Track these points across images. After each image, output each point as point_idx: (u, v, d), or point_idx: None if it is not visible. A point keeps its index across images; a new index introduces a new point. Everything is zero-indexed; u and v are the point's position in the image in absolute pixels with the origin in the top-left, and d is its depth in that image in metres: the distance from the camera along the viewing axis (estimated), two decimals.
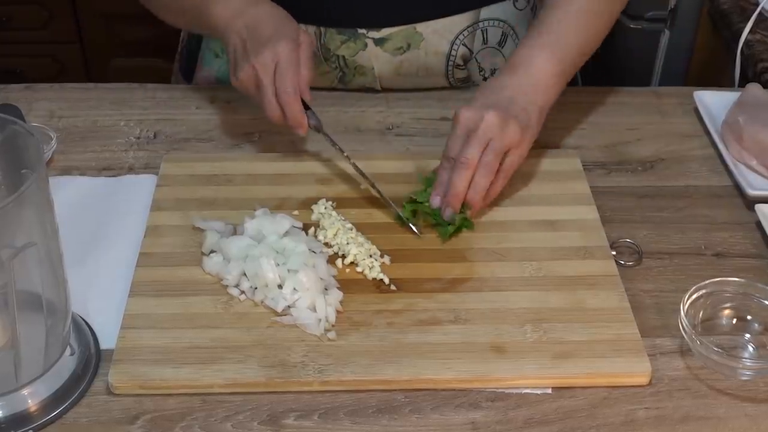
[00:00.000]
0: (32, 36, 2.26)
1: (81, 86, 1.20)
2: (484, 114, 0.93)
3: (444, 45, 1.16)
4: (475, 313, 0.87)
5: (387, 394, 0.81)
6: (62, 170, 1.05)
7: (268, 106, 0.98)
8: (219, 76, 1.22)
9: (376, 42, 1.14)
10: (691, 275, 0.92)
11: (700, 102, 1.15)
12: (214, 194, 1.00)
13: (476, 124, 0.93)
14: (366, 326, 0.85)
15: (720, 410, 0.80)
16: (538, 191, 1.01)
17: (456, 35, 1.16)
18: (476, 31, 1.17)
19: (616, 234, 0.97)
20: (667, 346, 0.86)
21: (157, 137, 1.11)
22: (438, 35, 1.15)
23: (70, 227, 0.85)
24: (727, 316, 0.88)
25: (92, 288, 0.90)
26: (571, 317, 0.86)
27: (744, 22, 1.39)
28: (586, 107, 1.17)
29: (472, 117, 0.94)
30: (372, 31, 1.13)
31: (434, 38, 1.15)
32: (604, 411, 0.80)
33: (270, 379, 0.80)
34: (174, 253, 0.92)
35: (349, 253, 0.92)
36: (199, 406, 0.79)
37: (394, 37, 1.14)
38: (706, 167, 1.08)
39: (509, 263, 0.92)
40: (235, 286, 0.89)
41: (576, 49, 1.02)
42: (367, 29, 1.13)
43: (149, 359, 0.81)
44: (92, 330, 0.86)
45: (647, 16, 1.67)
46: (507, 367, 0.82)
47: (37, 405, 0.78)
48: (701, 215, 1.01)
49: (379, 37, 1.14)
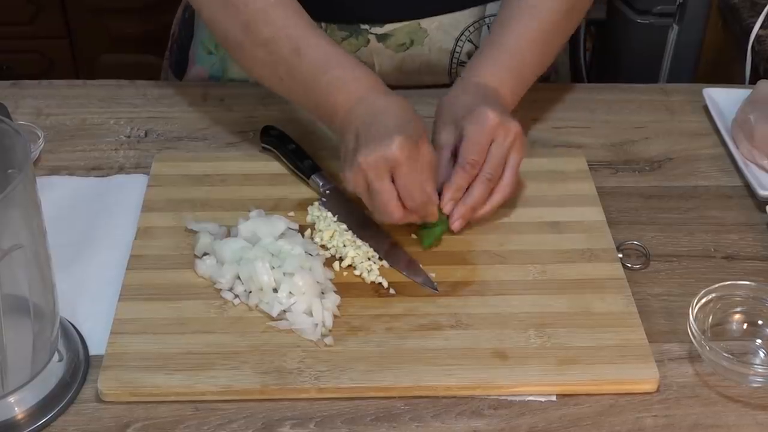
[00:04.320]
0: (19, 31, 2.25)
1: (69, 83, 1.19)
2: (508, 122, 0.91)
3: (449, 41, 1.15)
4: (476, 317, 0.86)
5: (386, 402, 0.80)
6: (50, 170, 1.04)
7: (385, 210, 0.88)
8: (212, 73, 1.21)
9: (379, 38, 1.13)
10: (700, 278, 0.92)
11: (709, 99, 1.14)
12: (207, 195, 0.99)
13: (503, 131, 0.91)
14: (364, 331, 0.84)
15: (730, 418, 0.80)
16: (542, 192, 1.00)
17: (461, 31, 1.15)
18: (482, 27, 1.16)
19: (622, 236, 0.97)
20: (676, 351, 0.85)
21: (148, 136, 1.10)
22: (443, 31, 1.14)
23: (59, 229, 0.85)
24: (738, 320, 0.87)
25: (81, 292, 0.89)
26: (577, 322, 0.86)
27: (755, 16, 1.38)
28: (592, 105, 1.16)
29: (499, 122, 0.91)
30: (375, 26, 1.13)
31: (439, 34, 1.14)
32: (611, 419, 0.79)
33: (265, 386, 0.80)
34: (166, 255, 0.91)
35: (346, 255, 0.91)
36: (191, 413, 0.79)
37: (397, 33, 1.13)
38: (715, 167, 1.08)
39: (512, 266, 0.91)
40: (229, 290, 0.88)
41: (535, 73, 1.01)
42: (369, 25, 1.12)
43: (140, 365, 0.81)
44: (81, 335, 0.85)
45: (655, 11, 1.66)
46: (510, 373, 0.81)
47: (24, 413, 0.77)
48: (711, 216, 1.01)
49: (382, 33, 1.13)
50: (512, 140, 0.91)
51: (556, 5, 1.00)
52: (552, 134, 1.04)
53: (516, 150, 0.92)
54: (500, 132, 0.91)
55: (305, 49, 0.93)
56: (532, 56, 0.99)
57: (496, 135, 0.91)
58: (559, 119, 1.06)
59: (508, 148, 0.91)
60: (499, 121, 0.91)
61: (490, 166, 0.91)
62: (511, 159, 0.92)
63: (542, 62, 1.02)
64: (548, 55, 1.02)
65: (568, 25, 1.03)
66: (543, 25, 1.00)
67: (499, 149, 0.91)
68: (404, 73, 1.16)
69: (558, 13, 1.00)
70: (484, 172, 0.91)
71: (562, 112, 1.04)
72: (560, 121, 1.07)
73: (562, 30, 1.03)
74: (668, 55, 1.69)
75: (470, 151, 0.91)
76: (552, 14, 1.00)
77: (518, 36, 0.99)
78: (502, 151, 0.91)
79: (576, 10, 1.03)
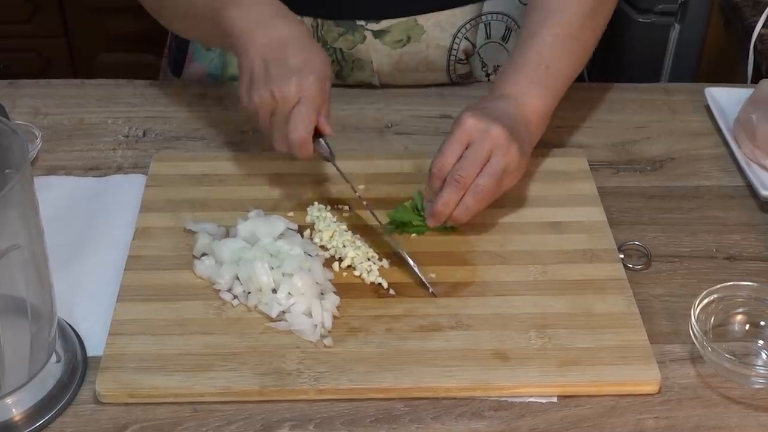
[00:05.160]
0: (16, 30, 2.25)
1: (67, 82, 1.19)
2: (491, 127, 0.90)
3: (445, 38, 1.15)
4: (477, 318, 0.86)
5: (386, 403, 0.80)
6: (48, 170, 1.04)
7: (278, 140, 0.92)
8: (210, 71, 1.21)
9: (375, 34, 1.13)
10: (702, 279, 0.92)
11: (711, 99, 1.14)
12: (205, 195, 0.99)
13: (480, 135, 0.90)
14: (364, 332, 0.84)
15: (732, 420, 0.79)
16: (543, 192, 1.00)
17: (458, 28, 1.15)
18: (479, 25, 1.16)
19: (624, 236, 0.96)
20: (677, 353, 0.85)
21: (147, 135, 1.10)
22: (439, 28, 1.14)
23: (56, 229, 0.85)
24: (740, 321, 0.87)
25: (79, 292, 0.89)
26: (577, 323, 0.85)
27: (757, 15, 1.38)
28: (593, 104, 1.16)
29: (477, 126, 0.90)
30: (371, 23, 1.12)
31: (435, 31, 1.14)
32: (612, 421, 0.79)
33: (264, 388, 0.79)
34: (164, 256, 0.91)
35: (346, 256, 0.91)
36: (190, 415, 0.78)
37: (393, 30, 1.13)
38: (717, 167, 1.07)
39: (513, 266, 0.91)
40: (228, 291, 0.88)
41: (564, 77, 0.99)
42: (366, 21, 1.12)
43: (138, 367, 0.81)
44: (79, 336, 0.85)
45: (657, 10, 1.66)
46: (510, 374, 0.81)
47: (22, 414, 0.77)
48: (712, 217, 1.00)
49: (379, 29, 1.13)
50: (491, 145, 0.89)
51: (578, 8, 0.99)
52: (553, 134, 1.04)
53: (498, 155, 0.89)
54: (477, 136, 0.90)
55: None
56: (557, 62, 0.98)
57: (472, 139, 0.90)
58: (560, 119, 1.05)
59: (485, 151, 0.89)
60: (475, 125, 0.90)
61: (461, 167, 0.89)
62: (490, 164, 0.89)
63: (570, 65, 1.00)
64: (576, 58, 1.00)
65: (593, 26, 1.01)
66: (566, 30, 0.99)
67: (472, 152, 0.89)
68: (402, 71, 1.16)
69: (581, 16, 0.99)
70: (453, 173, 0.90)
71: (563, 112, 1.03)
72: (561, 120, 1.07)
73: (588, 31, 1.01)
74: (670, 54, 1.69)
75: (440, 155, 0.91)
76: (574, 18, 0.99)
77: (541, 43, 0.98)
78: (476, 153, 0.89)
79: (599, 12, 1.01)
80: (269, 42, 0.92)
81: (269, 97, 0.90)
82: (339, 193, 0.99)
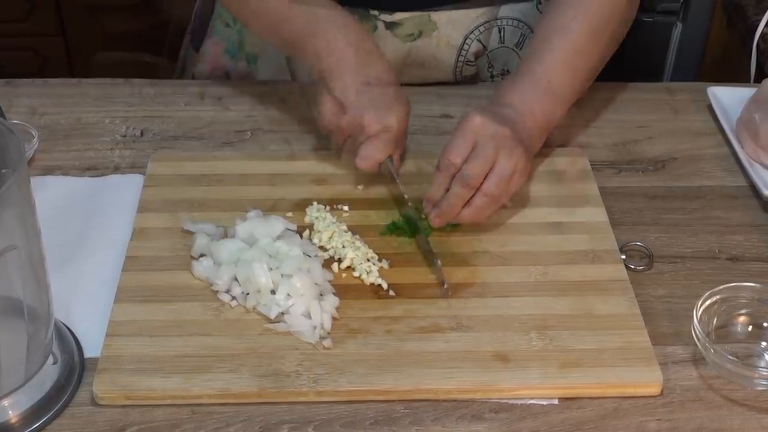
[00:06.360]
0: (13, 29, 2.25)
1: (64, 81, 1.19)
2: (498, 127, 0.90)
3: (457, 37, 1.15)
4: (477, 319, 0.85)
5: (385, 405, 0.80)
6: (44, 170, 1.04)
7: (348, 151, 0.98)
8: (228, 47, 1.21)
9: (387, 26, 1.13)
10: (705, 280, 0.91)
11: (714, 98, 1.14)
12: (204, 195, 0.99)
13: (487, 135, 0.90)
14: (363, 333, 0.84)
15: (735, 422, 0.79)
16: (545, 192, 1.00)
17: (471, 29, 1.15)
18: (493, 29, 1.16)
19: (625, 237, 0.96)
20: (680, 354, 0.85)
21: (144, 135, 1.10)
22: (452, 26, 1.14)
23: (53, 229, 0.84)
24: (743, 323, 0.87)
25: (76, 293, 0.88)
26: (579, 324, 0.85)
27: (760, 14, 1.38)
28: (595, 104, 1.16)
29: (484, 125, 0.90)
30: (384, 14, 1.12)
31: (448, 29, 1.14)
32: (614, 423, 0.79)
33: (262, 390, 0.79)
34: (162, 256, 0.91)
35: (345, 256, 0.91)
36: (188, 417, 0.78)
37: (406, 23, 1.13)
38: (720, 167, 1.07)
39: (514, 267, 0.91)
40: (226, 292, 0.87)
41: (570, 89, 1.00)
42: (379, 11, 1.12)
43: (136, 368, 0.80)
44: (76, 337, 0.85)
45: (659, 8, 1.66)
46: (511, 376, 0.81)
47: (18, 416, 0.77)
48: (715, 217, 1.00)
49: (391, 21, 1.13)
50: (498, 144, 0.89)
51: (585, 26, 1.00)
52: (554, 134, 1.04)
53: (505, 156, 0.89)
54: (484, 135, 0.90)
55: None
56: (560, 77, 0.99)
57: (478, 138, 0.90)
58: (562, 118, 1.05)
59: (492, 151, 0.89)
60: (483, 124, 0.90)
61: (469, 167, 0.89)
62: (499, 165, 0.89)
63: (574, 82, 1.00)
64: (580, 74, 1.01)
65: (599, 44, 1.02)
66: (572, 46, 1.00)
67: (480, 151, 0.89)
68: (408, 66, 1.16)
69: (587, 34, 1.00)
70: (462, 173, 0.89)
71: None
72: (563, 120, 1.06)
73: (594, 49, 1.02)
74: (672, 53, 1.69)
75: (447, 152, 0.91)
76: (580, 36, 1.00)
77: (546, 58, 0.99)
78: (484, 153, 0.89)
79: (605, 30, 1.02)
80: (364, 75, 0.97)
81: (358, 125, 0.95)
82: (339, 193, 0.99)
